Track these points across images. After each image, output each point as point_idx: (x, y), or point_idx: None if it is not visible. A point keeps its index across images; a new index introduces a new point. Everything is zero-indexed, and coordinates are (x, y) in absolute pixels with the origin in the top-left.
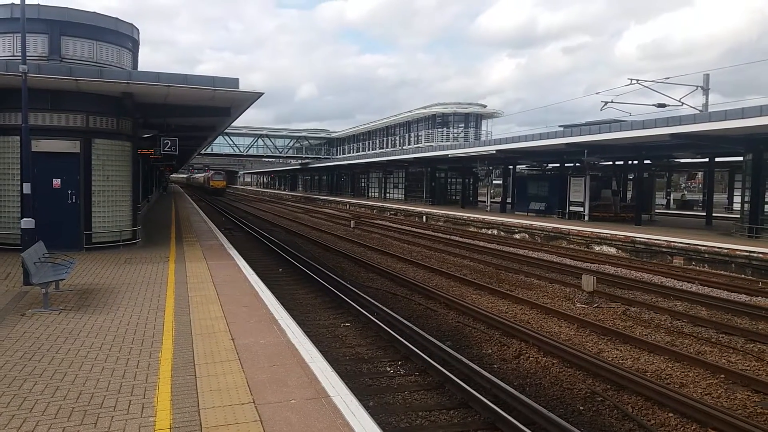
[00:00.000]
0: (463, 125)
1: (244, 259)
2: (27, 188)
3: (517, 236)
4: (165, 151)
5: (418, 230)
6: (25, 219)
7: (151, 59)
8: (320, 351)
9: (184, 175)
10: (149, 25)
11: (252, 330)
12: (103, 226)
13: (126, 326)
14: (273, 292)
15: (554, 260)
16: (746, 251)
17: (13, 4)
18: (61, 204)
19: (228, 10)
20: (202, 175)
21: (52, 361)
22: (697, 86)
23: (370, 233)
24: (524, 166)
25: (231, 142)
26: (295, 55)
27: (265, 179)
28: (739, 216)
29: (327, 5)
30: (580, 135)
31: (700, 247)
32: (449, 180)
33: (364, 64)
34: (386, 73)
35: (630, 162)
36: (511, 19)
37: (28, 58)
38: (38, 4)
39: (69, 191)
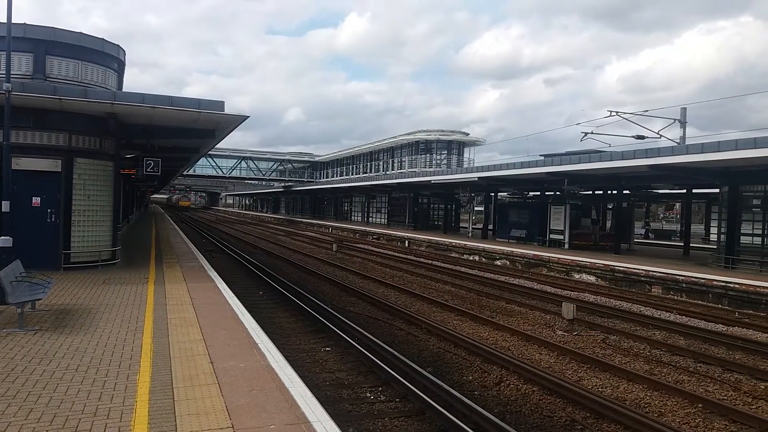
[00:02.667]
0: (446, 152)
1: (225, 281)
2: (6, 206)
3: (498, 263)
4: (148, 172)
5: (401, 255)
6: (2, 237)
7: (138, 80)
8: (300, 376)
9: (166, 196)
10: (138, 46)
11: (231, 353)
12: (82, 246)
13: (103, 348)
14: (253, 316)
15: (535, 287)
16: (723, 281)
17: None
18: (40, 223)
19: (218, 35)
20: (175, 196)
21: (26, 382)
22: (675, 119)
23: (352, 257)
24: (506, 193)
25: (214, 164)
26: (283, 80)
27: (247, 201)
28: (715, 247)
29: (316, 33)
30: (561, 164)
31: (677, 277)
32: (432, 206)
33: (351, 90)
34: (373, 100)
35: (609, 192)
36: (495, 51)
37: (12, 76)
38: (24, 23)
39: (48, 210)
